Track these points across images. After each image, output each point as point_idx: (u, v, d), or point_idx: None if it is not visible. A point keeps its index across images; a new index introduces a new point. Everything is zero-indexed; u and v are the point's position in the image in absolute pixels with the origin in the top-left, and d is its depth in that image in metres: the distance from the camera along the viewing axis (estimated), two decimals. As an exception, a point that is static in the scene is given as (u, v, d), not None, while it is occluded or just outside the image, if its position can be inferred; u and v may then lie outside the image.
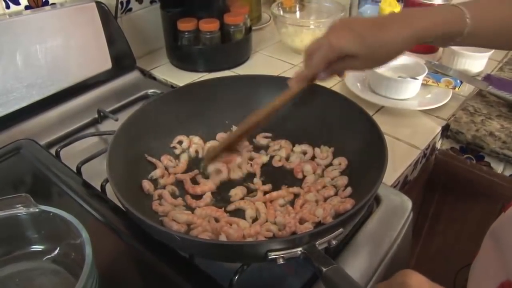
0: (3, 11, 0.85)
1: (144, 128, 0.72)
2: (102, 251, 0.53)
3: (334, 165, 0.73)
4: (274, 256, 0.49)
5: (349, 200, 0.63)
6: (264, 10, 1.42)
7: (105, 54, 0.97)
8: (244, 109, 0.81)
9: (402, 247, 0.67)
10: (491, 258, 0.65)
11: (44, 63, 0.86)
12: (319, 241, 0.50)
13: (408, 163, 0.81)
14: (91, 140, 0.84)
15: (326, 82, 0.69)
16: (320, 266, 0.47)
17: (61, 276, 0.53)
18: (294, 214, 0.62)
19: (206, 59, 1.10)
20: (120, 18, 1.07)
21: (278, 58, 1.18)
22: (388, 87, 0.96)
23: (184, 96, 0.79)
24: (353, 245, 0.64)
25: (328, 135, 0.76)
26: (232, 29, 1.09)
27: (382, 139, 0.64)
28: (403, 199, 0.72)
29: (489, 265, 0.64)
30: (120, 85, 1.02)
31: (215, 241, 0.57)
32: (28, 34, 0.83)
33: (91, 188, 0.68)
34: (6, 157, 0.74)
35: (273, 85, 0.81)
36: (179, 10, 1.07)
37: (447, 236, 1.10)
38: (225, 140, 0.74)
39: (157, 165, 0.71)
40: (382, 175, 0.57)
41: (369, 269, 0.61)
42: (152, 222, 0.53)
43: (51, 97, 0.89)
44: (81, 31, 0.91)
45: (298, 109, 0.80)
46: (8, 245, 0.54)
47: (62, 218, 0.51)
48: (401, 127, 0.90)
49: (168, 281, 0.55)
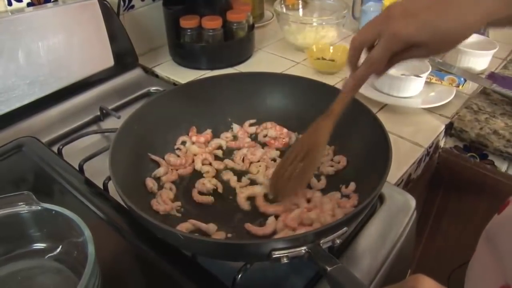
0: (5, 8, 0.85)
1: (147, 125, 0.72)
2: (104, 249, 0.53)
3: (333, 162, 0.73)
4: (278, 255, 0.48)
5: (354, 196, 0.63)
6: (266, 7, 1.41)
7: (107, 52, 0.96)
8: (246, 107, 0.81)
9: (406, 246, 0.67)
10: (487, 261, 0.63)
11: (46, 60, 0.86)
12: (323, 240, 0.50)
13: (411, 161, 0.80)
14: (93, 138, 0.84)
15: (328, 79, 0.69)
16: (324, 265, 0.47)
17: (63, 274, 0.53)
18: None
19: (209, 57, 1.10)
20: (122, 15, 1.06)
21: (280, 56, 1.18)
22: (391, 85, 0.95)
23: (186, 94, 0.79)
24: (356, 243, 0.63)
25: (332, 133, 0.75)
26: (235, 27, 1.09)
27: (386, 137, 0.63)
28: (407, 197, 0.71)
29: (486, 268, 0.63)
30: (122, 83, 1.01)
31: (219, 241, 0.57)
32: (30, 31, 0.82)
33: (93, 186, 0.68)
34: (8, 155, 0.74)
35: (276, 82, 0.81)
36: (182, 7, 1.06)
37: (450, 235, 1.10)
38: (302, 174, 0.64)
39: (160, 163, 0.71)
40: (387, 174, 0.57)
41: (372, 268, 0.61)
42: (154, 220, 0.52)
43: (53, 94, 0.89)
44: (83, 28, 0.91)
45: (300, 107, 0.80)
46: (10, 243, 0.54)
47: (64, 216, 0.51)
48: (405, 125, 0.89)
49: (171, 279, 0.55)
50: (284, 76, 0.88)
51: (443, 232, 1.09)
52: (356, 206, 0.62)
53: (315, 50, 1.11)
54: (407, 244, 0.68)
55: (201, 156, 0.74)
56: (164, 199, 0.65)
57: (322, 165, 0.72)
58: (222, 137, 0.79)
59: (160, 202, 0.65)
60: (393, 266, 0.63)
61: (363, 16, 1.27)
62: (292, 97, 0.81)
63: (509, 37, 1.24)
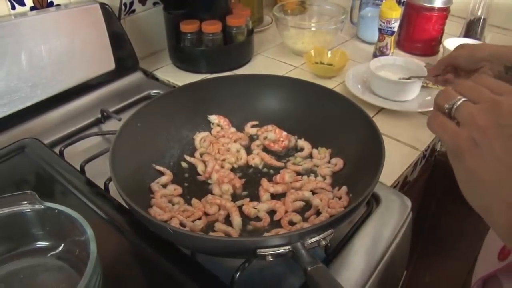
0: (8, 12, 0.86)
1: (146, 126, 0.73)
2: (106, 248, 0.54)
3: (329, 164, 0.74)
4: (263, 253, 0.50)
5: (345, 198, 0.65)
6: (266, 12, 1.43)
7: (108, 55, 0.98)
8: (248, 108, 0.83)
9: (402, 247, 0.68)
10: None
11: (48, 63, 0.87)
12: (307, 240, 0.51)
13: (407, 164, 0.82)
14: (94, 140, 0.85)
15: (326, 83, 0.70)
16: (305, 265, 0.49)
17: (65, 272, 0.54)
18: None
19: (208, 61, 1.11)
20: (123, 19, 1.08)
21: (279, 60, 1.19)
22: (388, 89, 0.96)
23: (185, 95, 0.81)
24: (352, 244, 0.64)
25: (328, 135, 0.77)
26: (234, 31, 1.10)
27: (380, 140, 0.64)
28: (403, 199, 0.72)
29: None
30: (123, 86, 1.03)
31: (206, 236, 0.58)
32: (33, 35, 0.84)
33: (94, 187, 0.69)
34: (11, 156, 0.75)
35: (277, 84, 0.83)
36: (182, 12, 1.08)
37: (446, 238, 1.11)
38: None
39: (164, 172, 0.73)
40: (378, 177, 0.58)
41: (368, 268, 0.62)
42: (146, 213, 0.55)
43: (55, 97, 0.90)
44: (85, 32, 0.92)
45: (298, 109, 0.81)
46: (13, 241, 0.55)
47: (67, 215, 0.52)
48: (401, 129, 0.91)
49: (170, 278, 0.56)
50: (282, 77, 0.90)
51: (440, 234, 1.10)
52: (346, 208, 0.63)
53: (313, 55, 1.13)
54: (403, 245, 0.69)
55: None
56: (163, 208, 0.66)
57: (319, 168, 0.74)
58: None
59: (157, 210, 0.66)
60: (388, 266, 0.64)
61: (361, 21, 1.29)
62: (292, 100, 0.82)
63: (504, 43, 1.26)
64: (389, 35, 1.12)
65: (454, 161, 0.43)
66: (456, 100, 0.43)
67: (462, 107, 0.42)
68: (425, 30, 1.17)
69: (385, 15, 1.09)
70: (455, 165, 0.43)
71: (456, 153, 0.42)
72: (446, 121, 0.43)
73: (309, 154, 0.77)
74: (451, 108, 0.43)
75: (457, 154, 0.42)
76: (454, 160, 0.43)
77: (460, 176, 0.43)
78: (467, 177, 0.42)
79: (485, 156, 0.39)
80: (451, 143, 0.42)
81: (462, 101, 0.42)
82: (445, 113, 0.44)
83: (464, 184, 0.42)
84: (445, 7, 1.14)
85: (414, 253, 1.15)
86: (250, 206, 0.66)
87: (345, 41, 1.31)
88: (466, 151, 0.41)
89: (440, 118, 0.44)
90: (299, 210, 0.67)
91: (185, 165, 0.76)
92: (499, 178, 0.39)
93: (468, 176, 0.41)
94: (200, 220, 0.64)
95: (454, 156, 0.42)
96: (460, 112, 0.42)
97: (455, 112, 0.43)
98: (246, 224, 0.65)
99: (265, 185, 0.70)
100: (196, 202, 0.67)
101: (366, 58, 1.17)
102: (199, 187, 0.72)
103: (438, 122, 0.44)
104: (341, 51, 1.13)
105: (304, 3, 1.34)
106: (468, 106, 0.42)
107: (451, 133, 0.42)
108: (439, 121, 0.44)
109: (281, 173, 0.72)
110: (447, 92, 0.44)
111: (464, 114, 0.42)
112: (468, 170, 0.41)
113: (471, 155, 0.40)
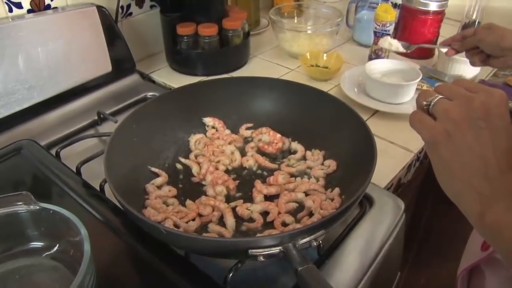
0: (6, 14, 0.87)
1: (142, 128, 0.74)
2: (101, 249, 0.54)
3: (323, 166, 0.75)
4: (255, 253, 0.51)
5: (338, 199, 0.66)
6: (262, 15, 1.44)
7: (105, 57, 0.98)
8: (240, 110, 0.83)
9: (394, 248, 0.69)
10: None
11: (45, 65, 0.88)
12: (299, 241, 0.52)
13: (401, 166, 0.82)
14: (90, 142, 0.85)
15: (322, 86, 0.71)
16: (296, 265, 0.49)
17: (59, 272, 0.54)
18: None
19: (205, 63, 1.12)
20: (120, 22, 1.08)
21: (275, 63, 1.20)
22: (383, 92, 0.97)
23: (181, 97, 0.81)
24: (345, 245, 0.65)
25: (321, 137, 0.78)
26: (231, 34, 1.11)
27: (372, 142, 0.65)
28: (396, 200, 0.73)
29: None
30: (119, 88, 1.03)
31: (198, 237, 0.59)
32: (30, 37, 0.84)
33: (90, 188, 0.69)
34: (7, 157, 0.75)
35: (271, 86, 0.84)
36: (179, 14, 1.08)
37: (441, 240, 1.11)
38: None
39: (159, 174, 0.73)
40: (369, 180, 0.59)
41: (361, 268, 0.62)
42: (139, 213, 0.55)
43: (52, 99, 0.91)
44: (82, 34, 0.93)
45: (293, 111, 0.82)
46: (8, 241, 0.55)
47: (61, 215, 0.52)
48: (396, 131, 0.91)
49: (164, 278, 0.56)
50: (277, 80, 0.91)
51: (434, 236, 1.10)
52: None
53: (309, 57, 1.13)
54: (395, 246, 0.69)
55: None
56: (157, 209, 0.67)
57: (312, 169, 0.74)
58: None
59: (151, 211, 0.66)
60: (382, 267, 0.65)
61: (357, 24, 1.30)
62: (286, 102, 0.83)
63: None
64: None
65: (431, 153, 0.46)
66: (433, 98, 0.46)
67: (438, 104, 0.46)
68: (420, 33, 1.18)
69: (380, 18, 1.10)
70: (432, 157, 0.46)
71: (433, 145, 0.45)
72: (425, 116, 0.47)
73: (303, 156, 0.78)
74: (429, 104, 0.46)
75: (433, 146, 0.45)
76: (431, 151, 0.46)
77: (436, 166, 0.46)
78: (442, 167, 0.45)
79: (458, 146, 0.43)
80: (428, 136, 0.46)
81: (438, 98, 0.46)
82: (424, 110, 0.47)
83: (440, 174, 0.46)
84: (440, 10, 1.15)
85: (409, 255, 1.16)
86: (244, 207, 0.67)
87: (340, 44, 1.32)
88: (441, 142, 0.44)
89: (419, 115, 0.47)
90: (292, 212, 0.67)
91: (180, 166, 0.77)
92: (470, 167, 0.43)
93: (443, 166, 0.45)
94: (194, 221, 0.64)
95: (431, 148, 0.46)
96: (436, 107, 0.46)
97: (432, 108, 0.46)
98: (240, 225, 0.65)
99: (258, 186, 0.71)
100: (190, 203, 0.68)
101: (361, 60, 1.17)
102: (194, 188, 0.73)
103: (417, 118, 0.47)
104: (337, 54, 1.14)
105: (300, 6, 1.34)
106: (444, 102, 0.45)
107: (428, 127, 0.46)
108: (418, 117, 0.47)
109: (274, 175, 0.72)
110: (426, 92, 0.48)
111: (440, 109, 0.45)
112: (443, 160, 0.44)
113: (445, 146, 0.44)
